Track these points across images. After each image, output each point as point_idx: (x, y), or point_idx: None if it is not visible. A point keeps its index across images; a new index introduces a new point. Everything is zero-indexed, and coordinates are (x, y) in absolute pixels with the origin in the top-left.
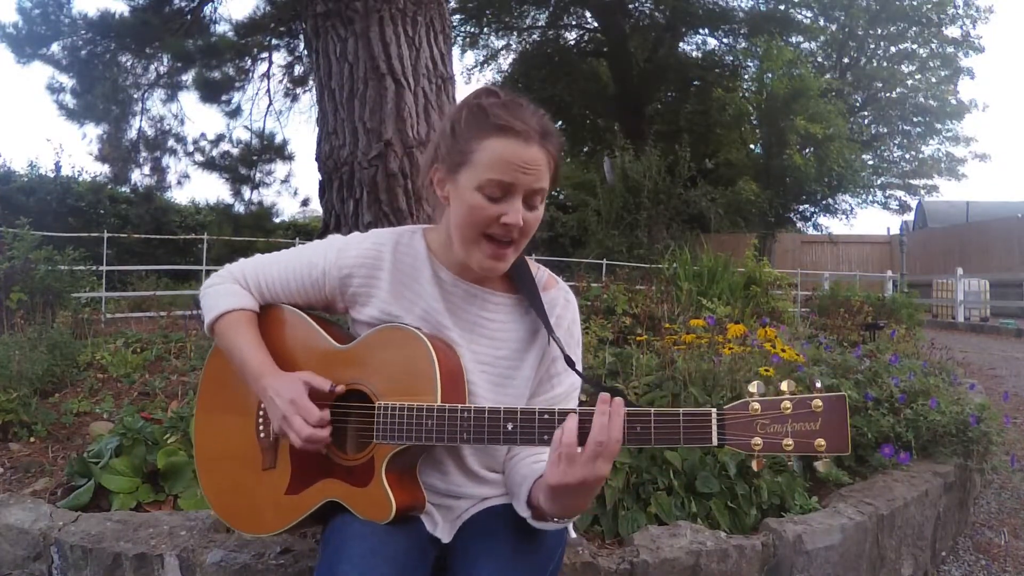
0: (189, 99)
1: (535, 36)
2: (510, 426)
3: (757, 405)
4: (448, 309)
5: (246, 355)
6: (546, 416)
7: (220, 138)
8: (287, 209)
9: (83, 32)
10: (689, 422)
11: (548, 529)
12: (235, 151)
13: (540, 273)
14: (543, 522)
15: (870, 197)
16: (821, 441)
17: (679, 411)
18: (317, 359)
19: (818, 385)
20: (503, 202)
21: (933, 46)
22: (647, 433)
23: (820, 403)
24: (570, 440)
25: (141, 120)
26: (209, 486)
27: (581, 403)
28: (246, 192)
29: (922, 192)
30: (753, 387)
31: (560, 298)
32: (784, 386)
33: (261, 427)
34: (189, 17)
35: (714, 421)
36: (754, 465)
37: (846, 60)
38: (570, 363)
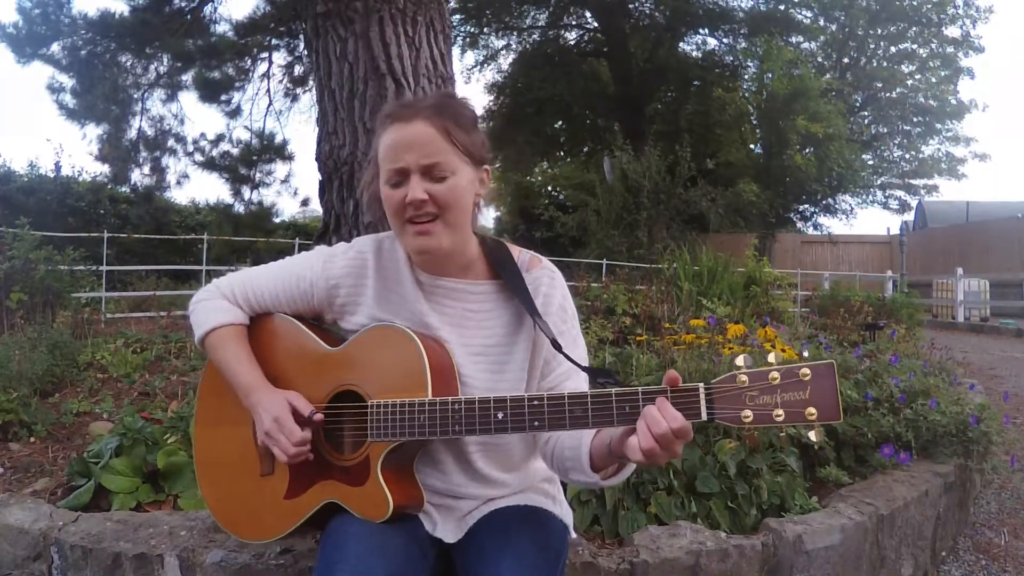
0: (189, 99)
1: (535, 36)
2: (500, 415)
3: (745, 377)
4: (433, 309)
5: (235, 370)
6: (535, 402)
7: (220, 138)
8: (287, 209)
9: (83, 32)
10: (678, 398)
11: (618, 481)
12: (235, 151)
13: (522, 255)
14: (616, 476)
15: (870, 197)
16: (812, 410)
17: (667, 388)
18: (310, 363)
19: (805, 354)
20: (404, 185)
21: (933, 46)
22: (636, 411)
23: (808, 371)
24: (675, 425)
25: (141, 120)
26: (210, 494)
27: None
28: (246, 192)
29: (922, 192)
30: (740, 360)
31: (544, 277)
32: (771, 358)
33: (257, 433)
34: (189, 17)
35: (702, 395)
36: (747, 440)
37: (846, 60)
38: (556, 346)
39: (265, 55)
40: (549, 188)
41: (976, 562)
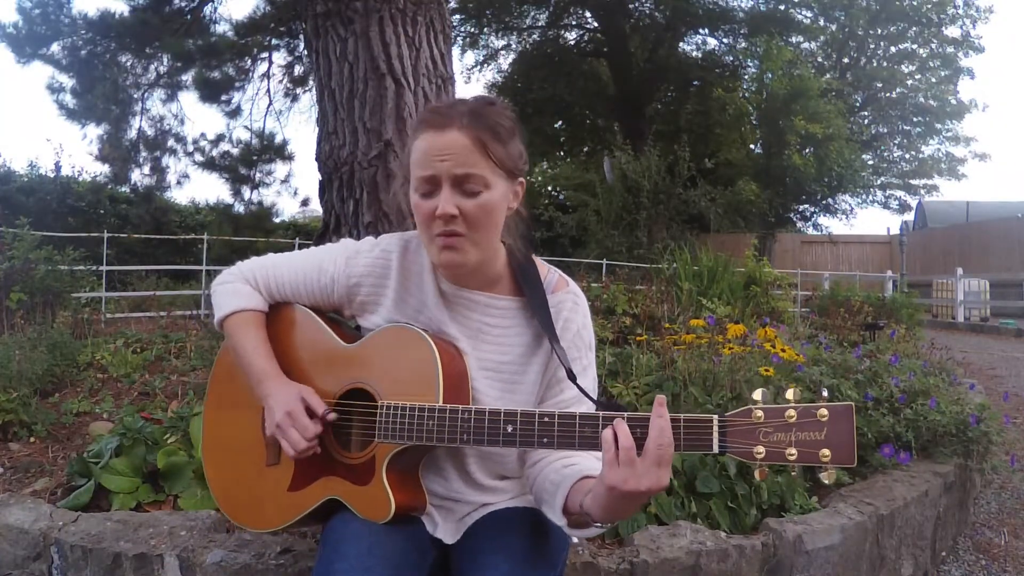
0: (189, 99)
1: (535, 36)
2: (510, 428)
3: (760, 413)
4: (452, 318)
5: (250, 358)
6: (546, 419)
7: (220, 138)
8: (287, 209)
9: (83, 32)
10: (690, 428)
11: (582, 535)
12: (235, 151)
13: (550, 276)
14: (581, 529)
15: (870, 197)
16: (826, 452)
17: (680, 416)
18: (324, 358)
19: (824, 394)
20: (434, 195)
21: (933, 46)
22: (646, 437)
23: (826, 412)
24: (629, 443)
25: (141, 120)
26: (214, 479)
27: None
28: (246, 192)
29: (922, 192)
30: (757, 394)
31: (568, 301)
32: (789, 394)
33: (267, 424)
34: (189, 17)
35: (715, 428)
36: (756, 475)
37: (846, 60)
38: (571, 376)
39: (265, 55)
40: (549, 188)
41: (976, 562)
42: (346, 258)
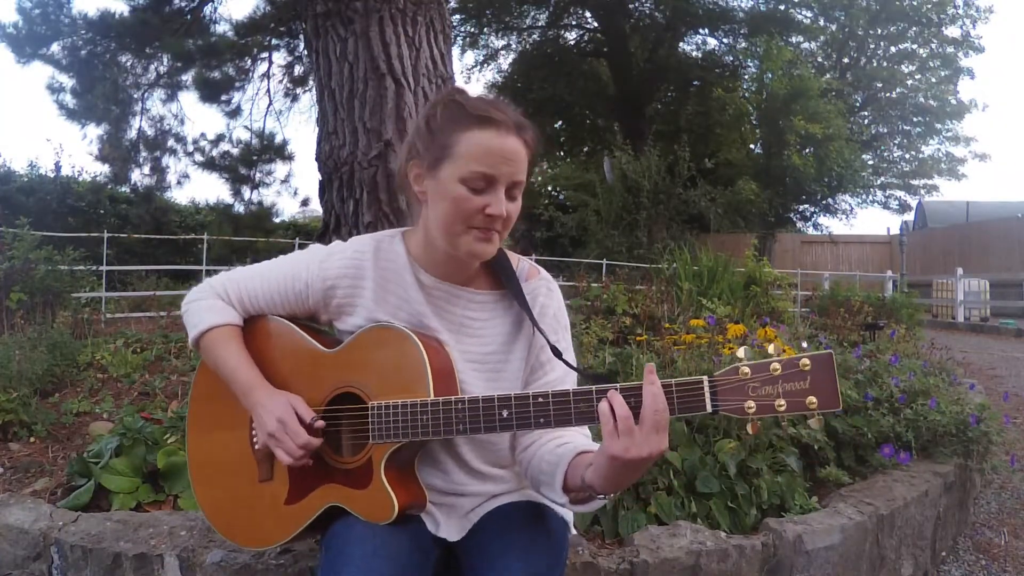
0: (189, 99)
1: (535, 36)
2: (505, 413)
3: (747, 369)
4: (434, 312)
5: (234, 370)
6: (540, 399)
7: (220, 138)
8: (287, 209)
9: (83, 32)
10: (682, 391)
11: (585, 510)
12: (235, 151)
13: (521, 264)
14: (583, 504)
15: (870, 197)
16: (812, 399)
17: (672, 381)
18: (307, 366)
19: (804, 346)
20: (486, 193)
21: (933, 46)
22: (640, 406)
23: (808, 362)
24: (625, 412)
25: (141, 120)
26: (206, 501)
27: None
28: (246, 192)
29: (922, 192)
30: (741, 352)
31: (542, 287)
32: (771, 348)
33: (255, 439)
34: (189, 17)
35: (707, 388)
36: (749, 428)
37: (846, 60)
38: (556, 353)
39: (265, 55)
40: (549, 188)
41: (976, 562)
42: (319, 262)
